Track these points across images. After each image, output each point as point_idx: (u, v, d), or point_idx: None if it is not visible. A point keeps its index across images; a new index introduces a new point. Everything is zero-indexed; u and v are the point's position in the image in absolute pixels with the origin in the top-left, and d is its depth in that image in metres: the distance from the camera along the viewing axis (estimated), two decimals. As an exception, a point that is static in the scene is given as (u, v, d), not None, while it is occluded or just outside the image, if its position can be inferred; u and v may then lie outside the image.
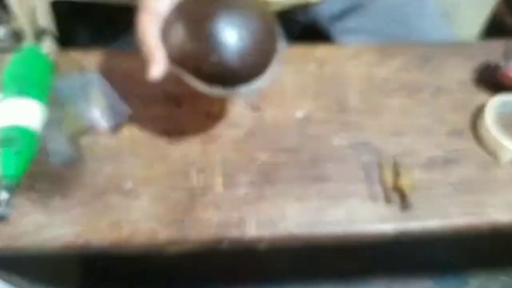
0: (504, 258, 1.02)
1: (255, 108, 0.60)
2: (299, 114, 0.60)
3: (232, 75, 0.45)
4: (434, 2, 0.75)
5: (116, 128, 0.57)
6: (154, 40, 0.45)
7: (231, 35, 0.44)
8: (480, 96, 0.62)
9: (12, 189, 0.49)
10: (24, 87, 0.54)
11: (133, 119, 0.58)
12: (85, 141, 0.56)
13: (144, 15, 0.45)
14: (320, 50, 0.66)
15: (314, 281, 0.98)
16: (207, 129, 0.58)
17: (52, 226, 0.49)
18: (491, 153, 0.56)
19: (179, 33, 0.45)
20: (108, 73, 0.62)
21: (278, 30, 0.49)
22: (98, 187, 0.52)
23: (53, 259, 0.78)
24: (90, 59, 0.63)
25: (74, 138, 0.56)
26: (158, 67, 0.44)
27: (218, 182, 0.53)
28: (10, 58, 0.56)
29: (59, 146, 0.55)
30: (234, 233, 0.50)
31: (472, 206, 0.52)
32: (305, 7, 0.76)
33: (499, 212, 0.52)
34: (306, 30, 0.79)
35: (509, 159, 0.55)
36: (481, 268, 1.01)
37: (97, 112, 0.58)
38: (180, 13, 0.46)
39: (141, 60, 0.63)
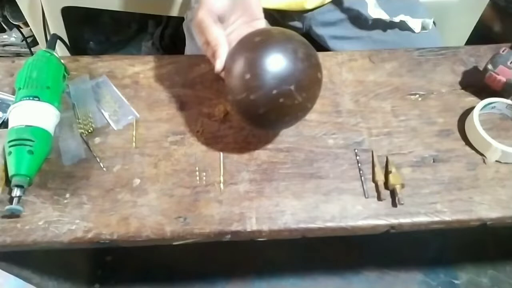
0: (493, 253, 1.04)
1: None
2: (297, 115, 0.62)
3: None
4: (423, 9, 0.77)
5: (124, 129, 0.59)
6: (217, 34, 0.49)
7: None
8: (468, 99, 0.63)
9: (24, 187, 0.51)
10: (37, 89, 0.55)
11: (139, 120, 0.60)
12: (95, 141, 0.58)
13: (202, 11, 0.50)
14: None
15: (310, 273, 1.00)
16: (210, 130, 0.60)
17: (62, 222, 0.51)
18: (479, 153, 0.58)
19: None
20: (116, 77, 0.64)
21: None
22: (107, 185, 0.54)
23: (64, 253, 0.78)
24: (100, 64, 0.66)
25: (85, 139, 0.58)
26: (220, 61, 0.49)
27: (220, 180, 0.55)
28: (24, 62, 0.59)
29: (70, 146, 0.57)
30: (235, 227, 0.52)
31: (460, 203, 0.53)
32: (300, 14, 0.78)
33: (487, 209, 0.53)
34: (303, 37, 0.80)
35: (496, 158, 0.57)
36: (470, 262, 1.02)
37: (106, 114, 0.61)
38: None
39: (146, 65, 0.66)
